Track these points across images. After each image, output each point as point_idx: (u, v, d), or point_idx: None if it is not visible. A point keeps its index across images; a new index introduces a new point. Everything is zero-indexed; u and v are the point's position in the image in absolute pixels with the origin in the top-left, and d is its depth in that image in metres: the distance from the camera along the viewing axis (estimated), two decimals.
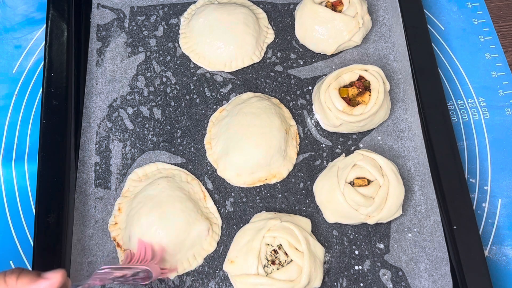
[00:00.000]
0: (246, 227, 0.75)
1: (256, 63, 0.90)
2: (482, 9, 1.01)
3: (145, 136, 0.84)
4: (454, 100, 0.93)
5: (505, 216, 0.83)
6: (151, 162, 0.82)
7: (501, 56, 0.96)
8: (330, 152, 0.84)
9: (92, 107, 0.85)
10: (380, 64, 0.89)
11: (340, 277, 0.75)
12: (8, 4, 0.98)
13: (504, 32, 1.00)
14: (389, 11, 0.93)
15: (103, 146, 0.83)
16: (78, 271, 0.74)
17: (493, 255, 0.81)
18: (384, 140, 0.84)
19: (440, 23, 1.00)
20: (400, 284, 0.74)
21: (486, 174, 0.86)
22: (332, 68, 0.90)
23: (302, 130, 0.85)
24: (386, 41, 0.91)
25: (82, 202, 0.78)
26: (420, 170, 0.81)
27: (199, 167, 0.82)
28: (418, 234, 0.77)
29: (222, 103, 0.87)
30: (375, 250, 0.77)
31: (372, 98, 0.81)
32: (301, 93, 0.88)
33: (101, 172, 0.81)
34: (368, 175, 0.76)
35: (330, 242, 0.77)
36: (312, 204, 0.79)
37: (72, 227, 0.75)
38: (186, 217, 0.74)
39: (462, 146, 0.88)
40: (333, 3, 0.90)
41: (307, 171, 0.82)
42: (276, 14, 0.95)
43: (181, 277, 0.74)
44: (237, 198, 0.80)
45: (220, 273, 0.75)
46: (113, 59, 0.90)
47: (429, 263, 0.75)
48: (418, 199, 0.79)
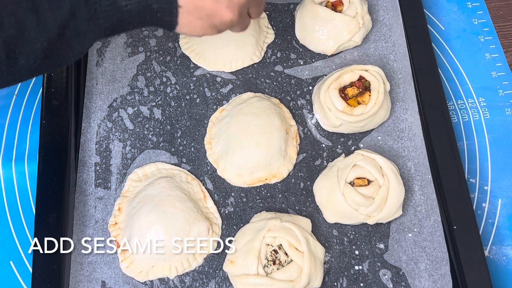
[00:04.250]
0: (246, 227, 0.75)
1: (256, 63, 0.90)
2: (482, 9, 1.01)
3: (145, 136, 0.84)
4: (454, 100, 0.93)
5: (505, 216, 0.83)
6: (151, 162, 0.82)
7: (501, 56, 0.96)
8: (330, 152, 0.84)
9: (92, 107, 0.85)
10: (380, 64, 0.89)
11: (340, 277, 0.75)
12: None
13: (504, 32, 1.00)
14: (389, 11, 0.93)
15: (103, 146, 0.83)
16: (78, 271, 0.74)
17: (493, 255, 0.81)
18: (384, 140, 0.84)
19: (440, 23, 1.00)
20: (400, 284, 0.74)
21: (486, 174, 0.86)
22: (332, 68, 0.90)
23: (302, 130, 0.85)
24: (386, 41, 0.91)
25: (82, 202, 0.78)
26: (420, 170, 0.81)
27: (199, 167, 0.82)
28: (418, 234, 0.77)
29: (222, 103, 0.87)
30: (375, 250, 0.77)
31: (372, 98, 0.81)
32: (301, 93, 0.88)
33: (101, 172, 0.81)
34: (368, 175, 0.76)
35: (330, 242, 0.77)
36: (312, 204, 0.79)
37: (72, 227, 0.75)
38: (186, 217, 0.74)
39: (462, 146, 0.88)
40: (333, 3, 0.90)
41: (307, 171, 0.82)
42: (276, 14, 0.95)
43: (181, 277, 0.74)
44: (237, 198, 0.80)
45: (220, 273, 0.75)
46: (113, 59, 0.90)
47: (429, 263, 0.75)
48: (418, 199, 0.79)
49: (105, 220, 0.78)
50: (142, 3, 0.55)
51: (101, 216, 0.78)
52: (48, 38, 0.53)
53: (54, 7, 0.52)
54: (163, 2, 0.56)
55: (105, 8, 0.54)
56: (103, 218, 0.78)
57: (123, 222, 0.76)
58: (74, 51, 0.56)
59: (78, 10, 0.53)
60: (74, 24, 0.53)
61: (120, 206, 0.78)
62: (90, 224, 0.77)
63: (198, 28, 0.61)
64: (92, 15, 0.54)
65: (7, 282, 0.77)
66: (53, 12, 0.52)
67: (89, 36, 0.56)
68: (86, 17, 0.54)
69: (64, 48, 0.55)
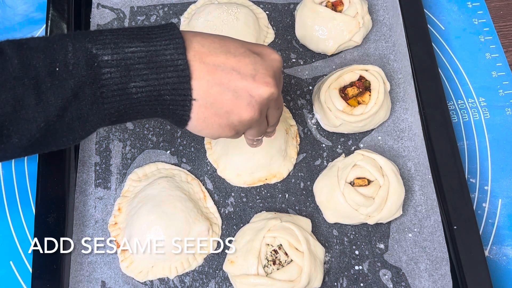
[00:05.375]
0: (246, 227, 0.75)
1: None
2: (483, 9, 1.01)
3: (145, 136, 0.84)
4: (454, 100, 0.93)
5: (505, 216, 0.83)
6: (151, 162, 0.82)
7: (501, 56, 0.96)
8: (330, 152, 0.84)
9: None
10: (380, 64, 0.89)
11: (340, 277, 0.75)
12: (8, 4, 0.98)
13: (505, 32, 0.99)
14: (389, 10, 0.93)
15: (103, 146, 0.83)
16: (78, 271, 0.74)
17: (493, 255, 0.81)
18: (384, 140, 0.84)
19: (440, 23, 1.00)
20: (400, 284, 0.74)
21: (486, 174, 0.86)
22: (332, 68, 0.90)
23: (302, 130, 0.85)
24: (386, 41, 0.91)
25: (82, 202, 0.78)
26: (420, 170, 0.81)
27: (199, 167, 0.82)
28: (418, 234, 0.77)
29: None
30: (375, 250, 0.76)
31: (372, 98, 0.81)
32: (301, 93, 0.88)
33: (101, 172, 0.81)
34: (368, 175, 0.76)
35: (330, 242, 0.77)
36: (312, 204, 0.79)
37: (72, 227, 0.75)
38: (186, 217, 0.74)
39: (462, 146, 0.88)
40: (333, 3, 0.90)
41: (307, 171, 0.82)
42: (276, 14, 0.95)
43: (181, 277, 0.74)
44: (237, 198, 0.80)
45: (220, 273, 0.75)
46: None
47: (429, 263, 0.75)
48: (418, 199, 0.79)
49: (105, 220, 0.78)
50: (154, 93, 0.52)
51: (101, 216, 0.78)
52: (46, 118, 0.49)
53: (57, 86, 0.48)
54: (177, 94, 0.52)
55: (112, 93, 0.50)
56: (103, 218, 0.78)
57: (123, 222, 0.76)
58: (74, 135, 0.52)
59: (83, 91, 0.49)
60: (76, 106, 0.49)
61: (120, 206, 0.78)
62: (90, 224, 0.77)
63: (215, 126, 0.56)
64: (97, 98, 0.50)
65: (7, 282, 0.77)
66: (55, 91, 0.48)
67: (92, 120, 0.52)
68: (90, 100, 0.50)
69: (63, 130, 0.51)
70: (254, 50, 0.58)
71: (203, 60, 0.53)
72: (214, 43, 0.55)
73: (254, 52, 0.57)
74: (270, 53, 0.59)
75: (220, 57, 0.54)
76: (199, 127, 0.56)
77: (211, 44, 0.55)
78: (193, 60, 0.53)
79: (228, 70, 0.54)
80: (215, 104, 0.54)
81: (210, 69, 0.53)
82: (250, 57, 0.56)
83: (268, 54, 0.59)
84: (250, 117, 0.56)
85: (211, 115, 0.55)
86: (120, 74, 0.50)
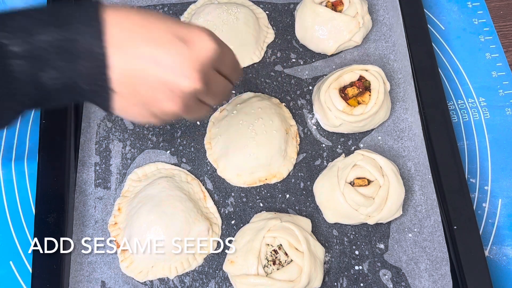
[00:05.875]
0: (246, 227, 0.75)
1: (256, 63, 0.90)
2: (483, 9, 1.01)
3: (145, 136, 0.84)
4: (454, 100, 0.93)
5: (505, 216, 0.83)
6: (151, 162, 0.82)
7: (501, 56, 0.96)
8: (330, 152, 0.84)
9: (92, 107, 0.85)
10: (380, 64, 0.89)
11: (340, 277, 0.75)
12: (8, 4, 0.98)
13: (505, 32, 0.99)
14: (389, 10, 0.93)
15: (103, 146, 0.83)
16: (78, 271, 0.74)
17: (494, 255, 0.81)
18: (384, 140, 0.84)
19: (440, 23, 1.00)
20: (400, 284, 0.74)
21: (486, 174, 0.86)
22: (332, 68, 0.90)
23: (302, 130, 0.85)
24: (386, 40, 0.91)
25: (82, 202, 0.78)
26: (420, 170, 0.81)
27: (199, 167, 0.82)
28: (418, 234, 0.77)
29: (222, 103, 0.87)
30: (375, 250, 0.76)
31: (372, 98, 0.81)
32: (301, 93, 0.88)
33: (101, 172, 0.81)
34: (368, 175, 0.76)
35: (330, 242, 0.77)
36: (312, 204, 0.79)
37: (72, 227, 0.75)
38: (186, 217, 0.74)
39: (462, 146, 0.88)
40: (333, 3, 0.90)
41: (307, 171, 0.82)
42: (276, 14, 0.95)
43: (181, 277, 0.74)
44: (237, 198, 0.80)
45: (220, 273, 0.75)
46: None
47: (429, 263, 0.75)
48: (418, 199, 0.79)
49: (105, 220, 0.78)
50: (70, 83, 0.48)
51: (101, 216, 0.78)
52: None
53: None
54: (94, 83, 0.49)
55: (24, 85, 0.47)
56: (103, 218, 0.78)
57: (123, 222, 0.76)
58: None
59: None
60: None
61: (120, 206, 0.78)
62: (90, 224, 0.77)
63: (137, 115, 0.53)
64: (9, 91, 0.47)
65: (7, 282, 0.77)
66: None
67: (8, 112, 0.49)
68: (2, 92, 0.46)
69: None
70: (183, 37, 0.51)
71: (122, 47, 0.49)
72: (136, 26, 0.50)
73: (182, 39, 0.51)
74: (200, 41, 0.52)
75: (140, 44, 0.50)
76: (122, 115, 0.54)
77: (133, 27, 0.50)
78: (111, 47, 0.48)
79: (147, 60, 0.49)
80: (133, 95, 0.51)
81: (128, 58, 0.49)
82: (174, 46, 0.50)
83: (197, 41, 0.52)
84: (173, 110, 0.52)
85: (131, 105, 0.52)
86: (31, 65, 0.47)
